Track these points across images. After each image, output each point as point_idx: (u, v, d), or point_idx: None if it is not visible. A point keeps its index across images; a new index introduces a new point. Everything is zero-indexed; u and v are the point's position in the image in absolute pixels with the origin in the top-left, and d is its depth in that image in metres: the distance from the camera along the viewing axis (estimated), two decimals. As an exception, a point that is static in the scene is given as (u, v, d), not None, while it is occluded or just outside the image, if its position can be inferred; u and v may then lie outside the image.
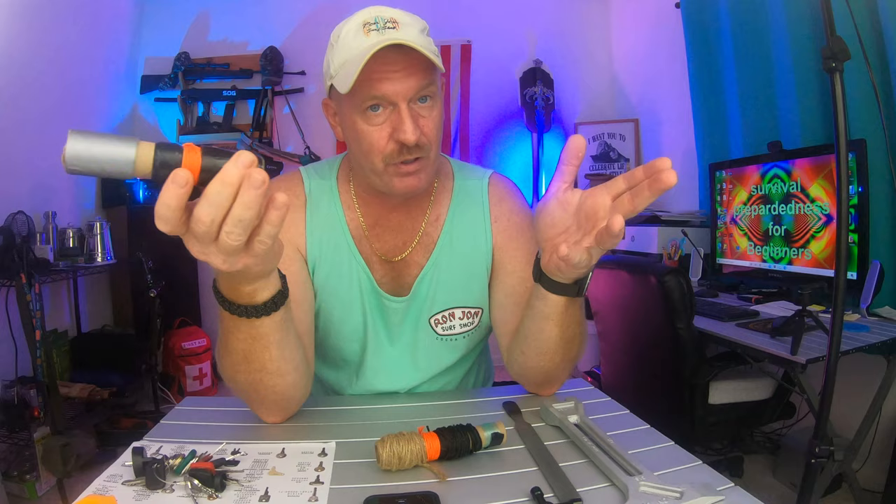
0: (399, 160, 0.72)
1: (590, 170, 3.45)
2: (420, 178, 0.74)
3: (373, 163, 0.73)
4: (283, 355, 0.63)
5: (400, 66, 0.68)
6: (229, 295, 0.56)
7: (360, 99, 0.69)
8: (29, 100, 2.27)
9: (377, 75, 0.67)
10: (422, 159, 0.73)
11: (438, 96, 0.74)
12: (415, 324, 0.86)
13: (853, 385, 1.62)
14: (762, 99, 2.19)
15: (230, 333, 0.60)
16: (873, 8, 1.67)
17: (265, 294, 0.56)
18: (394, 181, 0.74)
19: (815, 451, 1.09)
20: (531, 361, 0.76)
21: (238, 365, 0.62)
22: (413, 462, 0.57)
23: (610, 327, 1.94)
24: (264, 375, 0.63)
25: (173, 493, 0.52)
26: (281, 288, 0.58)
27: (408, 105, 0.69)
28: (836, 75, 0.99)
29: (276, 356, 0.62)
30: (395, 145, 0.71)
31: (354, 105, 0.71)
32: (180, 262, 2.94)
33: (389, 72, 0.68)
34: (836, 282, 1.03)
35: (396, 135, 0.70)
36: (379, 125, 0.71)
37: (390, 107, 0.70)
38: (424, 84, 0.70)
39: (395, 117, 0.70)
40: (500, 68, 3.42)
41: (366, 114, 0.70)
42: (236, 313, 0.56)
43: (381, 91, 0.68)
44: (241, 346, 0.60)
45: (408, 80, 0.68)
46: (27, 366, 1.90)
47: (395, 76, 0.68)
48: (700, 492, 0.51)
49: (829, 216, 1.74)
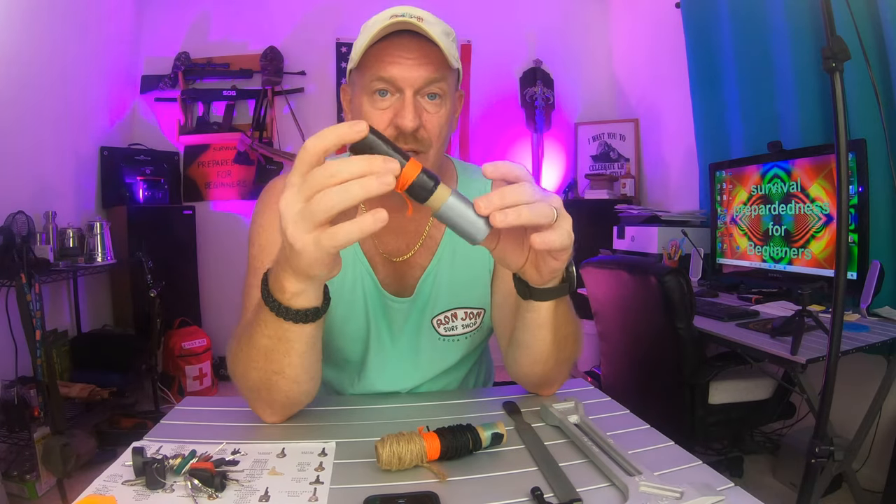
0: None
1: (590, 170, 3.46)
2: None
3: None
4: (304, 365, 0.63)
5: (414, 55, 0.69)
6: (273, 286, 0.56)
7: (368, 78, 0.71)
8: (29, 100, 2.27)
9: (390, 58, 0.69)
10: (420, 155, 0.73)
11: (449, 98, 0.74)
12: (417, 324, 0.85)
13: (853, 385, 1.62)
14: (762, 99, 2.19)
15: (258, 325, 0.60)
16: (873, 8, 1.68)
17: (303, 301, 0.56)
18: None
19: (815, 451, 1.09)
20: (526, 368, 0.76)
21: (256, 361, 0.62)
22: (413, 462, 0.57)
23: (610, 327, 1.94)
24: (280, 379, 0.63)
25: (173, 493, 0.52)
26: (319, 306, 0.58)
27: (414, 95, 0.70)
28: (836, 75, 0.99)
29: (296, 363, 0.62)
30: (394, 131, 0.71)
31: (364, 85, 0.72)
32: (180, 262, 2.96)
33: (402, 57, 0.69)
34: (836, 282, 1.03)
35: (396, 120, 0.70)
36: (383, 109, 0.71)
37: (397, 94, 0.71)
38: (435, 78, 0.70)
39: (399, 104, 0.71)
40: (500, 68, 3.42)
41: (373, 97, 0.71)
42: (270, 306, 0.57)
43: (390, 73, 0.69)
44: (265, 342, 0.60)
45: (418, 69, 0.69)
46: (27, 366, 1.90)
47: (406, 62, 0.69)
48: (700, 492, 0.51)
49: (829, 216, 1.74)
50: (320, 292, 0.58)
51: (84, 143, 2.75)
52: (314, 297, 0.57)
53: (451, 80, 0.74)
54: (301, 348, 0.60)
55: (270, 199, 0.83)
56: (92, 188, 2.82)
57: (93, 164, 2.82)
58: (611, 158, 3.43)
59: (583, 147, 3.49)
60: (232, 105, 3.19)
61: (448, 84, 0.73)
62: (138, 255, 2.46)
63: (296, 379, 0.63)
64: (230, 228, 3.21)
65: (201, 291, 3.11)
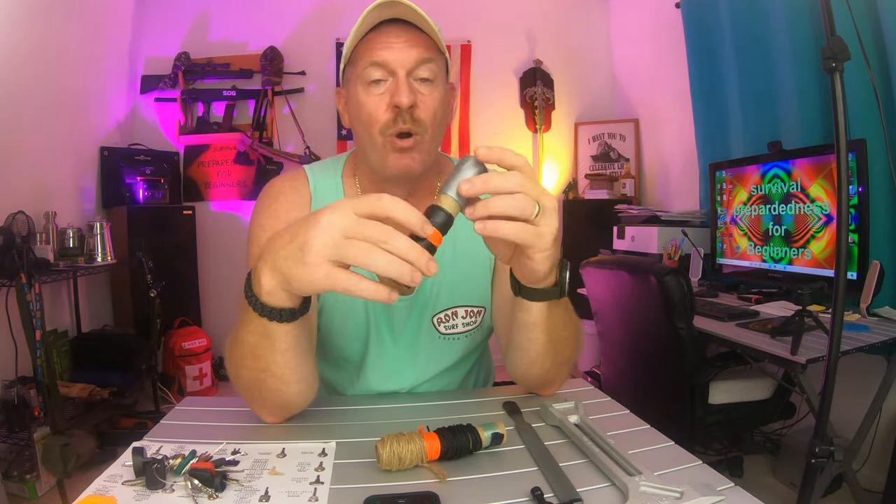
0: (395, 130, 0.73)
1: (590, 170, 3.46)
2: (414, 159, 0.75)
3: (371, 135, 0.74)
4: (288, 364, 0.62)
5: (403, 39, 0.71)
6: (253, 280, 0.56)
7: (361, 67, 0.73)
8: (29, 99, 2.27)
9: (380, 45, 0.71)
10: (417, 137, 0.74)
11: (441, 83, 0.76)
12: (418, 323, 0.85)
13: (853, 385, 1.62)
14: (762, 99, 2.19)
15: (244, 322, 0.60)
16: (873, 8, 1.67)
17: (277, 301, 0.55)
18: (389, 158, 0.75)
19: (815, 451, 1.09)
20: (523, 369, 0.76)
21: (245, 359, 0.63)
22: (413, 462, 0.57)
23: (610, 327, 1.94)
24: (269, 377, 0.63)
25: (173, 493, 0.52)
26: (295, 308, 0.57)
27: (407, 76, 0.72)
28: (836, 75, 0.99)
29: (280, 362, 0.62)
30: (391, 113, 0.72)
31: (357, 75, 0.74)
32: (180, 262, 2.96)
33: (392, 42, 0.71)
34: (836, 282, 1.03)
35: (392, 100, 0.72)
36: (378, 95, 0.73)
37: (390, 78, 0.72)
38: (425, 58, 0.72)
39: (393, 86, 0.72)
40: (500, 68, 3.42)
41: (368, 86, 0.73)
42: (249, 300, 0.57)
43: (382, 57, 0.71)
44: (250, 339, 0.61)
45: (409, 50, 0.71)
46: (27, 366, 1.90)
47: (396, 46, 0.71)
48: (700, 492, 0.51)
49: (829, 216, 1.74)
50: (296, 297, 0.57)
51: (84, 143, 2.75)
52: (287, 299, 0.56)
53: (440, 65, 0.76)
54: (282, 346, 0.60)
55: (270, 199, 0.83)
56: (92, 188, 2.82)
57: (93, 164, 2.83)
58: (611, 158, 3.43)
59: (583, 147, 3.49)
60: (232, 105, 3.19)
61: (438, 67, 0.75)
62: (138, 255, 2.46)
63: (283, 378, 0.63)
64: (230, 228, 3.21)
65: (201, 291, 3.11)
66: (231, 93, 3.17)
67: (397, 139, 0.73)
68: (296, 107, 3.22)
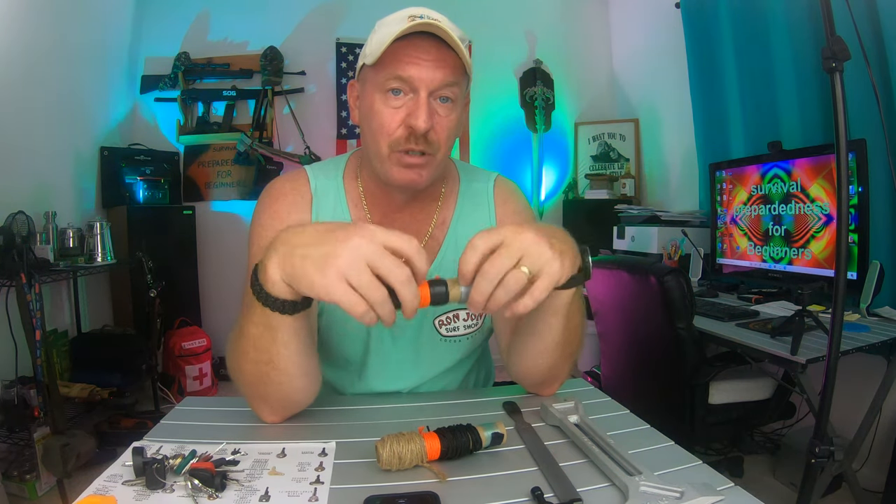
0: (405, 147, 0.72)
1: (590, 170, 3.46)
2: (421, 175, 0.75)
3: (379, 145, 0.74)
4: (291, 356, 0.63)
5: (432, 57, 0.70)
6: (260, 269, 0.57)
7: (384, 77, 0.71)
8: (29, 100, 2.27)
9: (408, 58, 0.69)
10: (427, 156, 0.73)
11: (459, 104, 0.75)
12: (419, 325, 0.85)
13: (853, 385, 1.62)
14: (762, 99, 2.19)
15: (248, 314, 0.61)
16: (873, 8, 1.68)
17: (279, 292, 0.57)
18: (394, 170, 0.74)
19: (815, 451, 1.09)
20: (530, 361, 0.76)
21: (248, 352, 0.63)
22: (413, 462, 0.57)
23: (610, 327, 1.94)
24: (272, 370, 0.63)
25: (173, 493, 0.52)
26: (296, 301, 0.58)
27: (428, 96, 0.71)
28: (836, 75, 0.99)
29: (283, 354, 0.62)
30: (405, 131, 0.71)
31: (378, 83, 0.72)
32: (180, 262, 2.96)
33: (420, 58, 0.70)
34: (836, 282, 1.03)
35: (409, 119, 0.71)
36: (395, 108, 0.72)
37: (411, 94, 0.71)
38: (450, 81, 0.71)
39: (413, 104, 0.71)
40: (500, 68, 3.42)
41: (386, 95, 0.72)
42: (253, 289, 0.58)
43: (408, 73, 0.70)
44: (253, 330, 0.61)
45: (435, 71, 0.70)
46: (27, 366, 1.89)
47: (424, 63, 0.70)
48: (700, 492, 0.51)
49: (829, 216, 1.74)
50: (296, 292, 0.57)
51: (84, 143, 2.75)
52: (288, 292, 0.57)
53: (463, 86, 0.75)
54: (285, 338, 0.61)
55: (271, 200, 0.83)
56: (92, 188, 2.81)
57: (93, 164, 2.82)
58: (611, 158, 3.43)
59: (583, 147, 3.49)
60: (232, 105, 3.19)
61: (460, 89, 0.74)
62: (138, 255, 2.46)
63: (286, 371, 0.64)
64: (230, 228, 3.21)
65: (201, 291, 3.11)
66: (231, 93, 3.17)
67: (406, 155, 0.73)
68: (296, 107, 3.22)
